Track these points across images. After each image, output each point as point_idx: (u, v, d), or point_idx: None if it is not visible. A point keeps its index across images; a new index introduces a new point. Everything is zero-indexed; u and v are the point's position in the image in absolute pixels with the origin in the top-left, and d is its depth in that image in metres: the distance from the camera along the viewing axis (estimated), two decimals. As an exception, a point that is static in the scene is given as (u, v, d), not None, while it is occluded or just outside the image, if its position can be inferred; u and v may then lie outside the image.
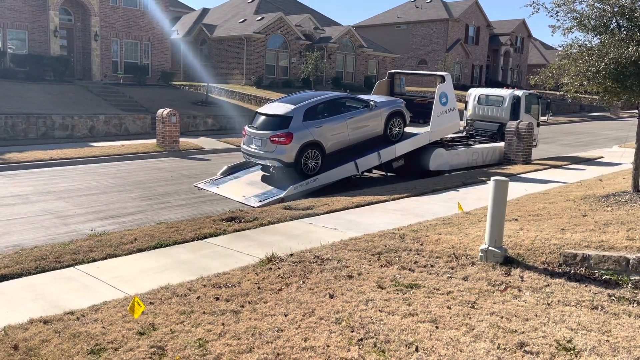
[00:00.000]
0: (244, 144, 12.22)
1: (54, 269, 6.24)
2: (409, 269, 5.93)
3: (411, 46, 51.36)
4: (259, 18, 35.94)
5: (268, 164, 11.79)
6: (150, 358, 4.00)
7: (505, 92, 17.31)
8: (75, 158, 15.29)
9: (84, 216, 9.51)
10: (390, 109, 12.99)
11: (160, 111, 18.00)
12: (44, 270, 6.17)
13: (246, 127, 12.24)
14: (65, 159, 15.09)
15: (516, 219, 7.96)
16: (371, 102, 12.69)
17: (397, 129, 13.13)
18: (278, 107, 11.86)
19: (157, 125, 18.05)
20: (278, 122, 11.46)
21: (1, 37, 24.67)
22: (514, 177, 12.80)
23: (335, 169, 12.00)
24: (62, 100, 21.68)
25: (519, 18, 57.17)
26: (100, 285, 5.79)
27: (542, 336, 4.29)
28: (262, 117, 11.92)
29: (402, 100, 13.88)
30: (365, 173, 14.01)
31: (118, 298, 5.29)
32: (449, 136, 15.85)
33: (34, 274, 6.08)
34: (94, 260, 6.55)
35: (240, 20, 37.07)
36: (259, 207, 10.22)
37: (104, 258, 6.65)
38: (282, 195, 10.82)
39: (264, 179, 12.27)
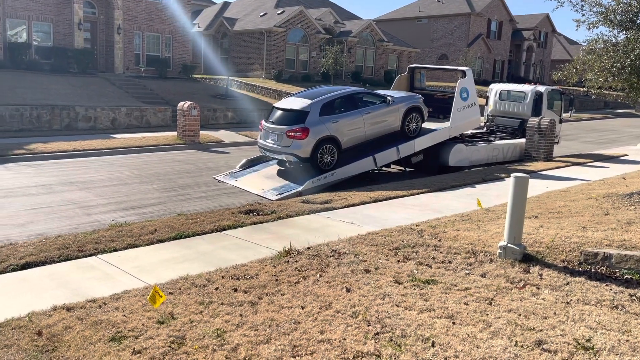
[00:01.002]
0: (260, 139, 12.26)
1: (77, 257, 6.38)
2: (427, 265, 5.92)
3: (432, 41, 50.91)
4: (279, 12, 35.97)
5: (284, 159, 11.83)
6: (170, 347, 4.08)
7: (527, 88, 17.07)
8: (98, 149, 15.54)
9: (105, 206, 9.68)
10: (407, 104, 12.88)
11: (181, 104, 18.18)
12: (67, 259, 6.31)
13: (263, 122, 12.28)
14: (88, 150, 15.35)
15: (536, 217, 7.88)
16: (388, 98, 12.60)
17: (414, 124, 13.02)
18: (295, 102, 11.85)
19: (177, 118, 18.24)
20: (294, 117, 11.44)
21: (27, 30, 25.12)
22: (534, 174, 12.65)
23: (354, 164, 11.99)
24: (85, 93, 22.02)
25: (542, 12, 56.22)
26: (121, 274, 5.90)
27: (561, 334, 4.26)
28: (279, 112, 11.92)
29: (420, 95, 13.74)
30: (383, 168, 13.98)
31: (138, 287, 5.39)
32: (469, 132, 15.71)
33: (57, 262, 6.23)
34: (116, 250, 6.67)
35: (261, 14, 37.15)
36: (277, 200, 10.28)
37: (125, 248, 6.77)
38: (300, 189, 10.86)
39: (282, 172, 12.32)
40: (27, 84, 21.33)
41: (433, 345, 4.09)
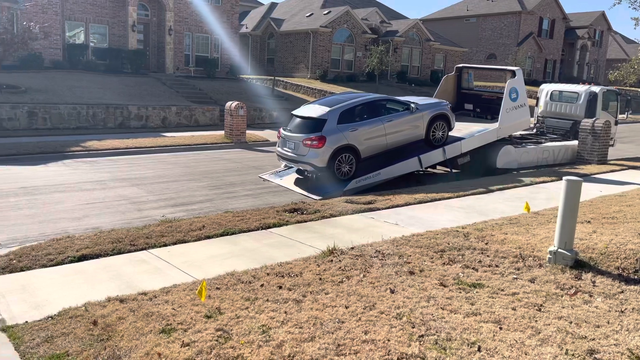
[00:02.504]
0: (278, 146, 12.04)
1: (129, 251, 6.63)
2: (473, 268, 5.83)
3: (480, 40, 49.86)
4: (325, 12, 36.08)
5: (301, 168, 11.63)
6: (217, 340, 4.18)
7: (580, 88, 16.50)
8: (149, 147, 16.04)
9: (156, 203, 9.99)
10: (433, 111, 12.36)
11: (228, 104, 18.53)
12: (119, 252, 6.57)
13: (281, 129, 12.07)
14: (139, 147, 15.87)
15: (589, 222, 7.61)
16: (412, 105, 12.12)
17: (440, 132, 12.47)
18: (313, 110, 11.56)
19: (225, 118, 18.61)
20: (311, 125, 11.17)
21: (84, 32, 26.22)
22: (587, 178, 12.21)
23: (398, 164, 11.86)
24: (138, 92, 22.78)
25: (598, 10, 54.19)
26: (170, 268, 6.09)
27: (614, 344, 4.11)
28: (297, 120, 11.64)
29: (447, 102, 13.23)
30: (428, 169, 13.80)
31: (187, 282, 5.55)
32: (518, 133, 15.31)
33: (110, 255, 6.49)
34: (165, 245, 6.89)
35: (307, 15, 37.37)
36: (320, 199, 10.33)
37: (174, 243, 6.98)
38: (343, 189, 10.87)
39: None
40: (84, 83, 22.26)
41: (479, 349, 4.03)
